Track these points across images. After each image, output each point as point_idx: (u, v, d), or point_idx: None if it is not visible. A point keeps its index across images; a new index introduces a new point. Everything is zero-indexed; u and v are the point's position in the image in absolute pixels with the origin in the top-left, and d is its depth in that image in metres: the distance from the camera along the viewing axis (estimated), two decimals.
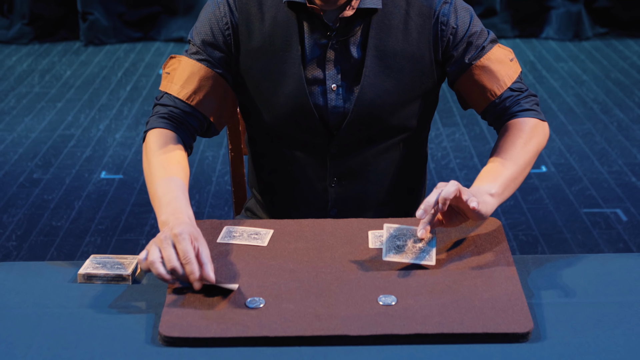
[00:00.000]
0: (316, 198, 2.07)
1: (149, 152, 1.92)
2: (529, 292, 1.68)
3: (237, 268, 1.74)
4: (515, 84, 2.01)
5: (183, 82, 1.97)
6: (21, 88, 5.71)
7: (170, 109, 1.97)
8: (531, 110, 2.00)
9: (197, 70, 1.97)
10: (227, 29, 1.97)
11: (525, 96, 2.01)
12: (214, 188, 4.19)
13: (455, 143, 4.70)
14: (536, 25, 6.82)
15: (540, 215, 3.88)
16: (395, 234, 1.77)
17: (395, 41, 1.95)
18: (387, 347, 1.51)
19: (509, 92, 2.00)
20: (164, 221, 1.75)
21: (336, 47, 1.95)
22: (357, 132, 1.99)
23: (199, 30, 2.00)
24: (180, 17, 6.84)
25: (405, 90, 1.98)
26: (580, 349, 1.50)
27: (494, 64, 1.99)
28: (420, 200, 2.17)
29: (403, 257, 1.73)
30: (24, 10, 6.76)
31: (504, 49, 2.01)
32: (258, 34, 1.96)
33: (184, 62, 1.99)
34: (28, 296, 1.68)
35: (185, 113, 1.97)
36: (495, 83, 1.99)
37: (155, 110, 1.99)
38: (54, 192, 4.15)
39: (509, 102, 1.99)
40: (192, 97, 1.97)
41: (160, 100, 1.99)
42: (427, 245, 1.75)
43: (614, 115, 5.10)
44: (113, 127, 5.00)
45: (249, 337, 1.52)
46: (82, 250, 3.60)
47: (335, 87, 1.97)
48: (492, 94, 1.99)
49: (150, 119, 1.98)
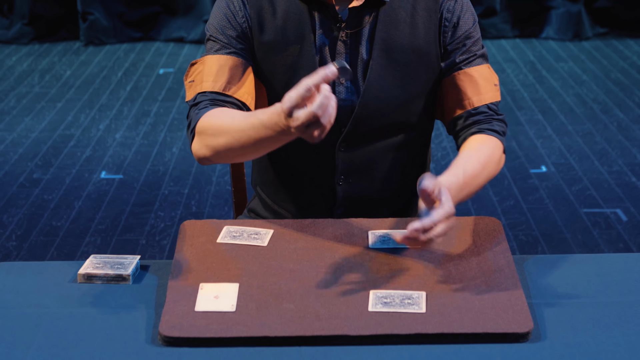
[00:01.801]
0: (323, 196, 2.07)
1: (212, 124, 1.85)
2: (529, 292, 1.68)
3: (237, 268, 1.74)
4: (493, 106, 2.01)
5: (214, 76, 1.95)
6: (21, 88, 5.71)
7: (208, 101, 1.93)
8: (501, 135, 2.00)
9: (225, 62, 1.96)
10: (243, 22, 1.97)
11: (500, 119, 2.01)
12: (214, 188, 4.19)
13: None
14: (536, 25, 6.82)
15: (540, 215, 3.88)
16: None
17: (402, 35, 1.96)
18: (387, 347, 1.51)
19: (485, 108, 2.00)
20: (267, 119, 1.69)
21: (345, 40, 1.96)
22: (365, 127, 2.00)
23: (218, 26, 1.98)
24: (180, 17, 6.84)
25: (412, 84, 1.99)
26: (580, 349, 1.50)
27: (480, 79, 2.00)
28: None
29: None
30: (24, 10, 6.76)
31: (492, 72, 2.03)
32: (271, 28, 1.97)
33: (208, 60, 1.97)
34: (28, 296, 1.68)
35: (225, 102, 1.94)
36: (476, 95, 1.99)
37: (194, 111, 1.94)
38: (54, 192, 4.15)
39: (483, 117, 1.99)
40: (227, 87, 1.95)
41: (194, 102, 1.95)
42: None
43: (614, 115, 5.10)
44: (113, 127, 5.00)
45: (249, 337, 1.52)
46: (82, 250, 3.60)
47: (343, 80, 1.98)
48: (470, 103, 1.99)
49: (192, 115, 1.92)
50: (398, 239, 1.64)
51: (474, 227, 1.88)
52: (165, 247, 3.63)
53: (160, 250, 3.61)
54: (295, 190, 2.10)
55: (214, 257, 1.78)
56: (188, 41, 6.72)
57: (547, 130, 4.89)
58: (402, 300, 1.62)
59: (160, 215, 3.91)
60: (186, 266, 1.75)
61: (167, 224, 3.84)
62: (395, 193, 2.10)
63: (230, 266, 1.75)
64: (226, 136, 1.82)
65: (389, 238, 1.83)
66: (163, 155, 4.58)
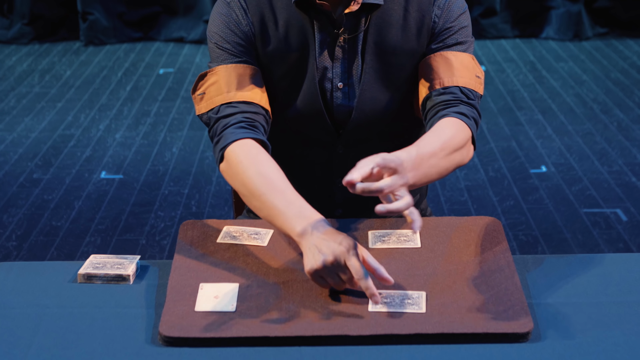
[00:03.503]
0: (322, 199, 2.07)
1: (245, 168, 1.81)
2: (529, 292, 1.68)
3: (237, 268, 1.74)
4: (467, 90, 1.93)
5: (236, 86, 1.92)
6: (21, 88, 5.71)
7: (240, 115, 1.90)
8: (469, 119, 1.89)
9: (243, 71, 1.93)
10: (248, 30, 1.96)
11: (470, 105, 1.92)
12: (214, 188, 4.19)
13: None
14: (536, 25, 6.82)
15: (540, 215, 3.88)
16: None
17: (395, 38, 1.96)
18: (387, 347, 1.51)
19: (456, 90, 1.92)
20: (301, 233, 1.69)
21: (343, 46, 1.96)
22: (362, 129, 2.00)
23: (222, 36, 1.95)
24: (180, 17, 6.84)
25: (405, 87, 1.99)
26: (580, 349, 1.50)
27: (457, 63, 1.94)
28: (422, 198, 2.20)
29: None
30: (24, 10, 6.76)
31: (476, 64, 1.97)
32: (273, 38, 1.96)
33: (222, 70, 1.93)
34: (28, 296, 1.68)
35: (255, 114, 1.92)
36: (448, 76, 1.93)
37: (222, 124, 1.90)
38: (54, 192, 4.15)
39: (451, 97, 1.91)
40: (252, 96, 1.92)
41: (218, 113, 1.91)
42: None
43: (614, 115, 5.10)
44: (113, 127, 5.00)
45: (249, 337, 1.52)
46: (82, 250, 3.60)
47: (341, 85, 1.98)
48: (440, 82, 1.93)
49: (224, 134, 1.88)
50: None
51: (474, 227, 1.88)
52: (165, 247, 3.63)
53: (160, 250, 3.60)
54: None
55: (214, 257, 1.78)
56: (188, 41, 6.72)
57: (547, 130, 4.89)
58: (402, 300, 1.62)
59: (160, 215, 3.91)
60: (186, 266, 1.75)
61: (167, 224, 3.84)
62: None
63: (230, 266, 1.75)
64: (249, 192, 1.80)
65: (389, 238, 1.84)
66: (163, 155, 4.58)
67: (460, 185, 4.18)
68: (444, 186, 4.17)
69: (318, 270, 1.62)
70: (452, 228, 1.87)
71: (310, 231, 1.67)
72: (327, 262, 1.61)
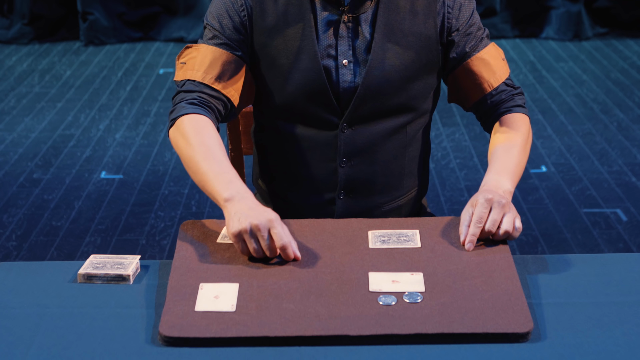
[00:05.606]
0: (325, 180, 2.10)
1: (189, 136, 1.93)
2: (529, 292, 1.68)
3: (237, 268, 1.74)
4: (508, 81, 2.10)
5: (206, 67, 2.01)
6: (21, 88, 5.71)
7: (196, 94, 2.00)
8: (524, 108, 2.10)
9: (219, 56, 2.01)
10: (242, 10, 2.01)
11: (519, 93, 2.12)
12: None
13: (455, 143, 4.71)
14: (536, 25, 6.82)
15: (540, 215, 3.88)
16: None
17: (403, 21, 2.02)
18: (387, 347, 1.51)
19: (504, 86, 2.09)
20: (228, 198, 1.80)
21: (348, 24, 2.00)
22: (366, 108, 2.04)
23: (215, 14, 2.03)
24: (180, 17, 6.84)
25: (412, 66, 2.04)
26: (580, 349, 1.50)
27: (491, 59, 2.08)
28: (423, 191, 2.23)
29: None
30: (24, 10, 6.76)
31: (497, 48, 2.11)
32: (272, 13, 2.01)
33: (203, 49, 2.02)
34: (28, 296, 1.68)
35: (212, 97, 2.01)
36: (492, 76, 2.08)
37: (180, 97, 2.01)
38: (54, 192, 4.15)
39: (504, 95, 2.09)
40: (216, 81, 2.01)
41: (182, 87, 2.02)
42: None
43: (614, 115, 5.10)
44: (113, 127, 5.00)
45: (249, 337, 1.52)
46: (82, 250, 3.60)
47: (346, 62, 2.02)
48: (489, 85, 2.08)
49: (177, 106, 2.00)
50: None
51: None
52: (165, 247, 3.63)
53: (160, 250, 3.61)
54: (298, 176, 2.12)
55: (214, 257, 1.78)
56: (188, 41, 6.72)
57: (547, 130, 4.89)
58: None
59: (160, 215, 3.91)
60: (186, 266, 1.75)
61: (167, 224, 3.84)
62: (397, 178, 2.13)
63: (230, 266, 1.75)
64: (189, 158, 1.92)
65: (389, 238, 1.84)
66: (163, 155, 4.58)
67: (460, 185, 4.19)
68: (444, 186, 4.17)
69: (242, 232, 1.73)
70: (452, 228, 1.88)
71: (238, 199, 1.79)
72: (252, 225, 1.73)
